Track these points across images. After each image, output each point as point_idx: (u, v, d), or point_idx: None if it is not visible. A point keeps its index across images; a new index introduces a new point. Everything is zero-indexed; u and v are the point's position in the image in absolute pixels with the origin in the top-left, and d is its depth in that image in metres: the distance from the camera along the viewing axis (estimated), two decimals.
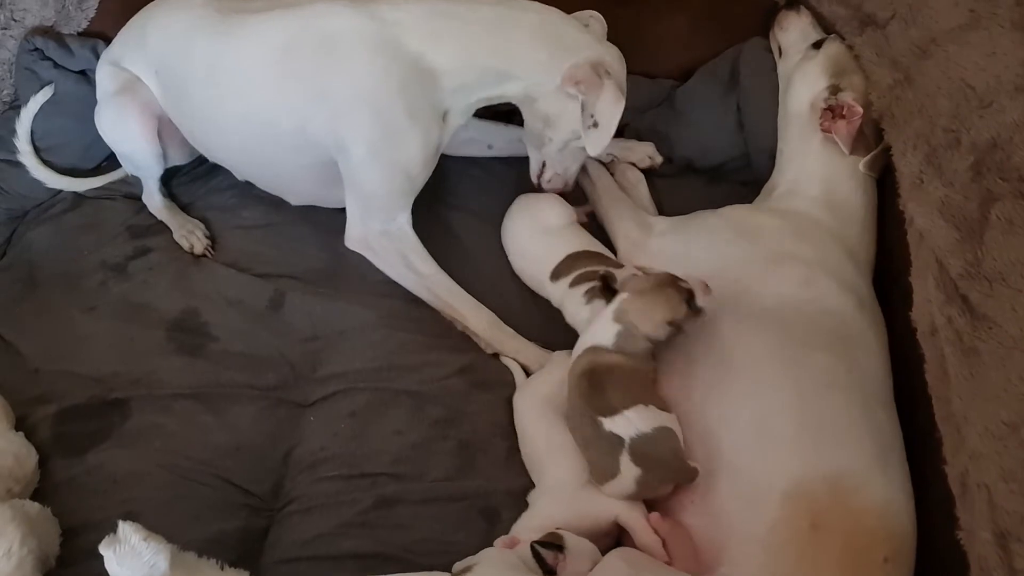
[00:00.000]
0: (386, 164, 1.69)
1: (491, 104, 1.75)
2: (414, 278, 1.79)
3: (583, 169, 1.89)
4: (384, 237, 1.78)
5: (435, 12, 1.65)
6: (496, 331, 1.75)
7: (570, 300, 1.70)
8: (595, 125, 1.61)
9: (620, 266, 1.73)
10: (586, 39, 1.67)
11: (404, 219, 1.78)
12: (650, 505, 1.44)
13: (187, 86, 1.80)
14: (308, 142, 1.71)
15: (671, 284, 1.48)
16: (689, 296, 1.47)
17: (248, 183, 2.02)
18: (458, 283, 1.80)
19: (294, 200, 1.95)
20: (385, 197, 1.74)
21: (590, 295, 1.65)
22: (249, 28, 1.70)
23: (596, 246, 1.79)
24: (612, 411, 1.42)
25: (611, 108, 1.60)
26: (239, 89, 1.72)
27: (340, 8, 1.65)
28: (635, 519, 1.40)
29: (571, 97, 1.62)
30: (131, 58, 1.88)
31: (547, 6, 1.68)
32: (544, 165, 1.80)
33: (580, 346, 1.55)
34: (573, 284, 1.69)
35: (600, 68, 1.60)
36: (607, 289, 1.57)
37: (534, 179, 1.83)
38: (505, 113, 1.91)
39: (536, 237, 1.82)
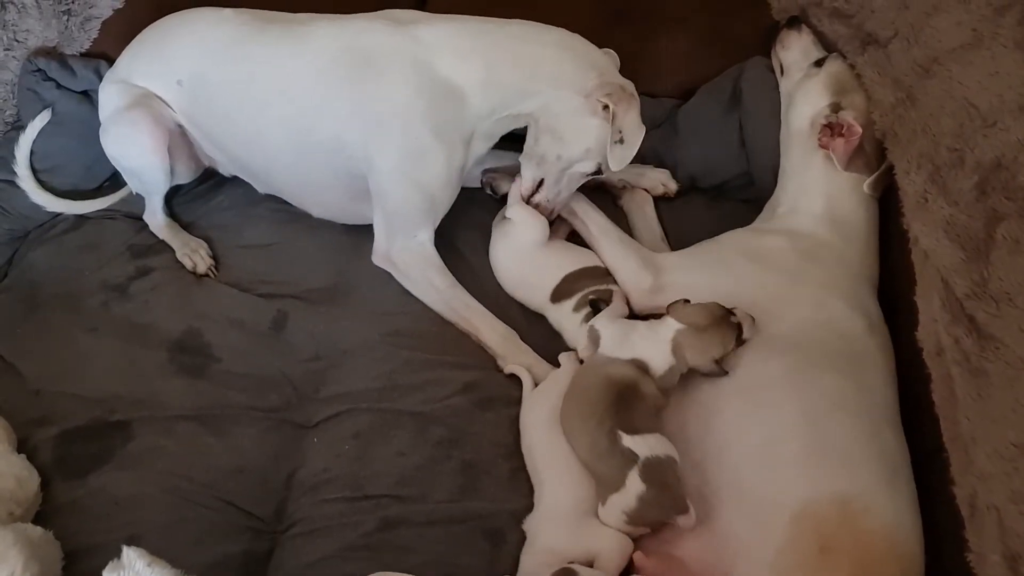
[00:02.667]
0: (409, 181, 1.73)
1: (513, 127, 1.78)
2: (434, 294, 1.81)
3: (573, 212, 1.87)
4: (406, 253, 1.81)
5: (463, 31, 1.73)
6: (510, 346, 1.75)
7: (572, 322, 1.72)
8: (621, 141, 1.66)
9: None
10: (608, 63, 1.75)
11: (426, 237, 1.81)
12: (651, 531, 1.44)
13: (223, 92, 1.83)
14: (343, 152, 1.76)
15: (726, 319, 1.50)
16: (739, 331, 1.49)
17: (250, 203, 2.03)
18: None
19: (316, 212, 1.96)
20: (407, 214, 1.78)
21: (586, 318, 1.68)
22: (296, 37, 1.77)
23: (590, 260, 1.78)
24: (635, 430, 1.43)
25: (637, 126, 1.68)
26: (282, 94, 1.77)
27: (379, 26, 1.73)
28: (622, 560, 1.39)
29: (591, 114, 1.68)
30: (144, 73, 1.90)
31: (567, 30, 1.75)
32: (541, 183, 1.79)
33: (626, 350, 1.53)
34: (577, 308, 1.71)
35: (629, 91, 1.68)
36: (597, 311, 1.64)
37: (523, 197, 1.82)
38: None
39: (522, 260, 1.82)
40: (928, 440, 1.43)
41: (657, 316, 1.59)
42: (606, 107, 1.66)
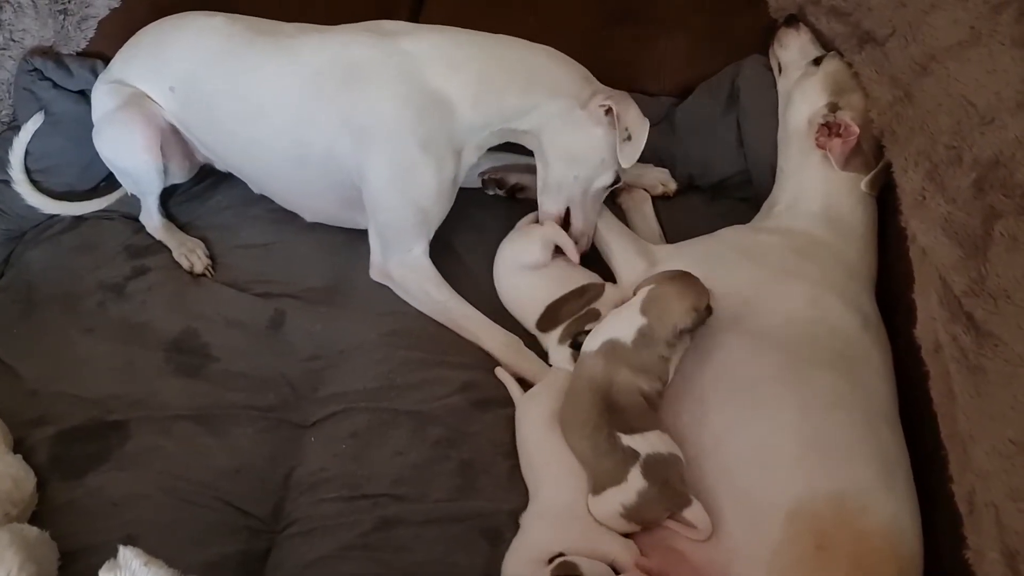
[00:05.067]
0: (400, 195, 1.73)
1: (504, 139, 1.78)
2: (432, 306, 1.80)
3: None
4: (402, 267, 1.81)
5: (455, 42, 1.71)
6: (512, 353, 1.73)
7: (559, 355, 1.70)
8: (629, 138, 1.65)
9: (602, 289, 1.72)
10: (592, 78, 1.73)
11: (420, 250, 1.80)
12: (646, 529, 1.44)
13: (214, 101, 1.83)
14: (334, 164, 1.75)
15: (692, 276, 1.52)
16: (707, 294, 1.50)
17: (247, 203, 2.03)
18: None
19: (309, 217, 1.96)
20: (400, 228, 1.77)
21: (573, 357, 1.65)
22: (284, 50, 1.76)
23: (579, 278, 1.75)
24: (632, 430, 1.43)
25: (640, 122, 1.66)
26: (270, 107, 1.76)
27: (364, 38, 1.72)
28: (626, 561, 1.38)
29: (595, 124, 1.67)
30: (137, 75, 1.89)
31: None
32: (567, 214, 1.77)
33: (596, 339, 1.54)
34: (561, 340, 1.69)
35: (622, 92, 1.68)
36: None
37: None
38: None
39: (519, 279, 1.79)
40: (927, 438, 1.42)
41: None
42: (608, 112, 1.66)
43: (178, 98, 1.87)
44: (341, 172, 1.76)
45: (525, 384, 1.70)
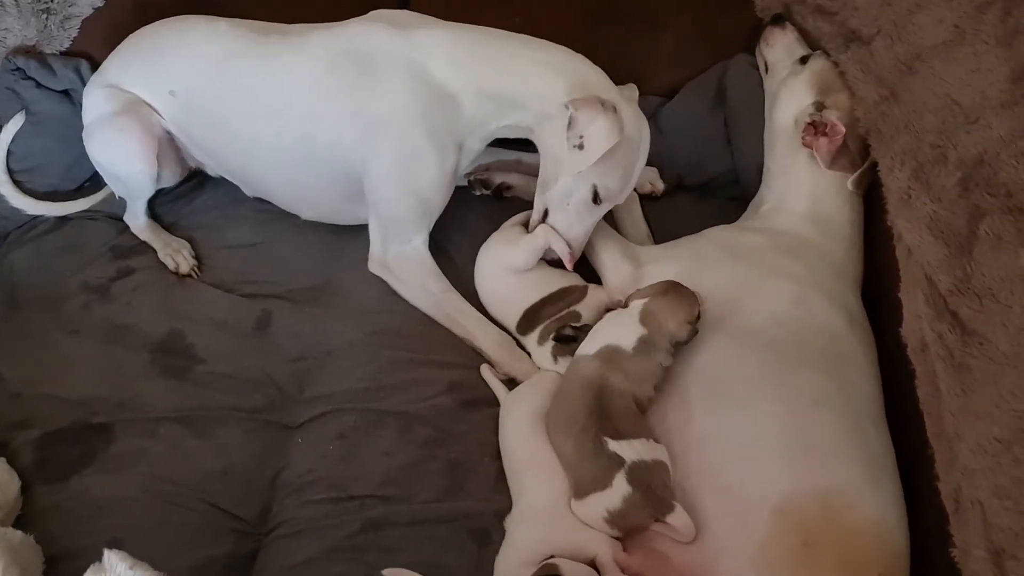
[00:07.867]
0: (403, 184, 1.73)
1: (508, 136, 1.77)
2: (429, 299, 1.80)
3: None
4: (401, 259, 1.81)
5: (460, 39, 1.72)
6: (505, 352, 1.73)
7: (540, 356, 1.69)
8: (580, 147, 1.58)
9: (584, 291, 1.72)
10: (611, 89, 1.66)
11: (420, 241, 1.81)
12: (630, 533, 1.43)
13: (219, 104, 1.82)
14: (340, 157, 1.76)
15: (683, 287, 1.53)
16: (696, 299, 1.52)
17: (233, 203, 2.02)
18: None
19: (307, 215, 1.96)
20: (402, 218, 1.78)
21: (555, 351, 1.66)
22: (293, 47, 1.77)
23: (560, 281, 1.74)
24: (619, 435, 1.43)
25: (603, 136, 1.56)
26: (279, 104, 1.77)
27: (377, 29, 1.73)
28: (607, 559, 1.38)
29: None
30: (133, 80, 1.88)
31: (577, 53, 1.70)
32: (546, 213, 1.74)
33: (593, 343, 1.54)
34: (540, 341, 1.69)
35: (608, 104, 1.58)
36: (567, 340, 1.62)
37: (532, 228, 1.77)
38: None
39: (499, 282, 1.78)
40: (913, 436, 1.43)
41: None
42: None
43: (179, 102, 1.86)
44: (346, 164, 1.76)
45: (514, 385, 1.69)
